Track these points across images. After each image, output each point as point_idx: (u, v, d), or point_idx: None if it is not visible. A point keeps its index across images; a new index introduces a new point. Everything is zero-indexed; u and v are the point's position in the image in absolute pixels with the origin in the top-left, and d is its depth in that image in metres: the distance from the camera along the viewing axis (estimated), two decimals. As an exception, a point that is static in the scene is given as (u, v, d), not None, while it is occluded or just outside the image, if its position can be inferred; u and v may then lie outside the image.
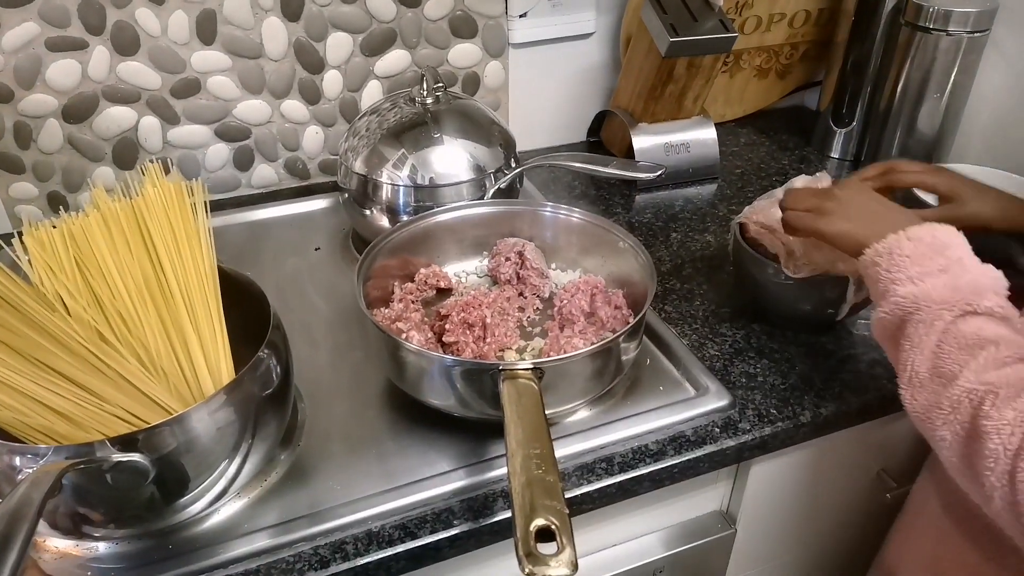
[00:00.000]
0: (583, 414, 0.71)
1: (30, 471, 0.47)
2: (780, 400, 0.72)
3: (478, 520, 0.61)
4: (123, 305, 0.61)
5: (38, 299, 0.58)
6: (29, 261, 0.61)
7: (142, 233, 0.65)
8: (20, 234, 0.62)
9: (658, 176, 0.85)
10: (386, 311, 0.76)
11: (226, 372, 0.60)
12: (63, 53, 0.89)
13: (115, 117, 0.94)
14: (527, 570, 0.44)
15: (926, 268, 0.57)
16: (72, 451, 0.49)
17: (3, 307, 0.57)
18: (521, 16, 1.05)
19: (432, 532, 0.60)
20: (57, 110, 0.91)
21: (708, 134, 1.09)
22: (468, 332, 0.73)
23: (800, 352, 0.78)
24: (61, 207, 0.96)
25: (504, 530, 0.62)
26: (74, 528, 0.56)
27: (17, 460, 0.49)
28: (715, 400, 0.71)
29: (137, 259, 0.63)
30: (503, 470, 0.64)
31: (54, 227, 0.63)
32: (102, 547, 0.58)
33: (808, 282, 0.73)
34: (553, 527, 0.47)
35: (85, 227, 0.64)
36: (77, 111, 0.92)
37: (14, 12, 0.85)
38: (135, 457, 0.49)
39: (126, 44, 0.91)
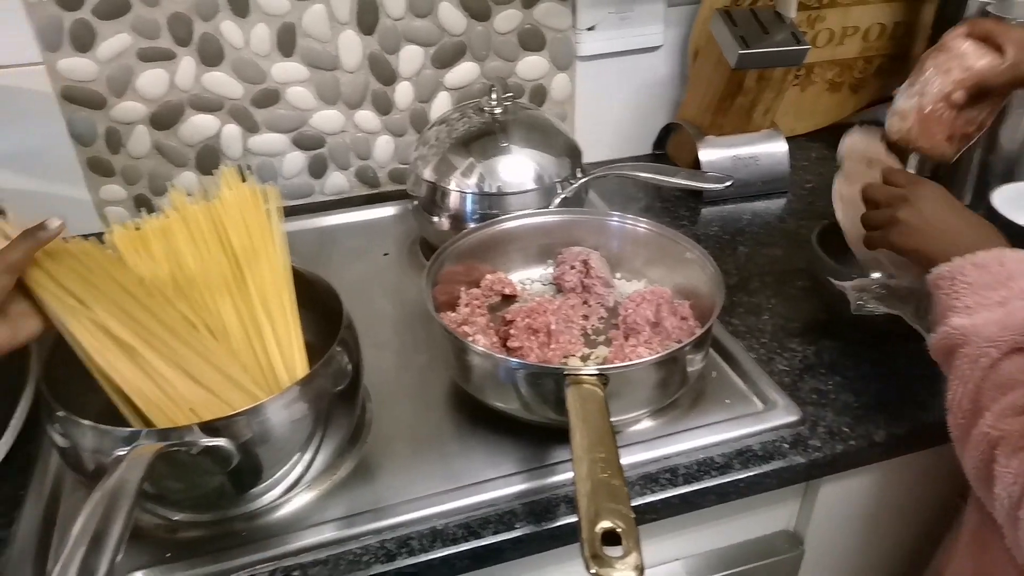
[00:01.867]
0: (646, 424, 0.71)
1: (122, 453, 0.49)
2: (853, 418, 0.70)
3: (540, 524, 0.61)
4: (201, 297, 0.64)
5: (137, 283, 0.61)
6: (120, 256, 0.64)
7: (219, 233, 0.67)
8: (109, 232, 0.66)
9: (726, 187, 0.84)
10: (452, 315, 0.77)
11: (300, 367, 0.62)
12: (153, 63, 0.93)
13: (199, 125, 0.98)
14: (593, 571, 0.44)
15: (983, 299, 0.56)
16: (163, 435, 0.52)
17: (114, 287, 0.59)
18: (589, 29, 1.06)
19: (495, 533, 0.60)
20: (146, 117, 0.96)
21: (778, 147, 1.08)
22: (533, 338, 0.74)
23: (874, 370, 0.76)
24: (143, 209, 1.01)
25: (566, 535, 0.62)
26: (155, 509, 0.58)
27: (110, 442, 0.52)
28: (784, 415, 0.70)
29: (215, 258, 0.66)
30: (566, 475, 0.64)
31: (137, 228, 0.67)
32: (180, 530, 0.60)
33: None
34: (619, 530, 0.46)
35: (166, 227, 0.67)
36: (164, 118, 0.97)
37: (109, 24, 0.90)
38: (221, 442, 0.51)
39: (211, 55, 0.95)
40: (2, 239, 0.56)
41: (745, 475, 0.66)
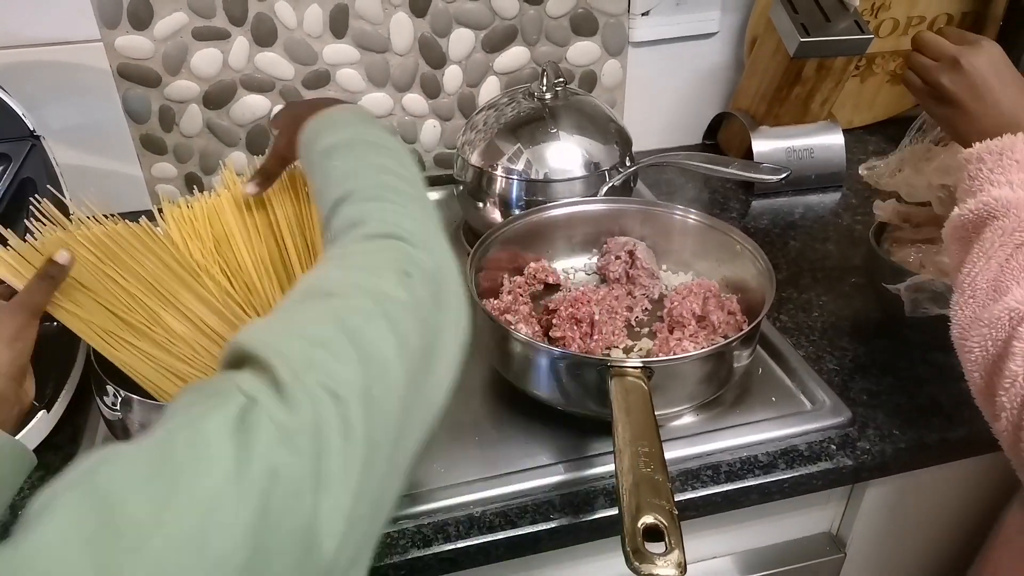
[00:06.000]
0: (689, 419, 0.69)
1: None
2: (904, 421, 0.68)
3: (578, 515, 0.60)
4: (248, 278, 0.64)
5: (181, 262, 0.62)
6: (167, 233, 0.65)
7: (268, 214, 0.68)
8: (160, 210, 0.67)
9: (782, 179, 0.81)
10: (495, 302, 0.77)
11: (343, 349, 0.62)
12: (207, 42, 0.94)
13: (250, 105, 0.99)
14: (634, 566, 0.43)
15: None
16: None
17: (155, 263, 0.60)
18: (644, 14, 1.04)
19: (532, 523, 0.60)
20: (199, 96, 0.97)
21: (835, 140, 1.05)
22: (575, 328, 0.73)
23: (929, 371, 0.73)
24: (195, 187, 1.02)
25: (604, 528, 0.61)
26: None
27: (159, 416, 0.52)
28: (832, 416, 0.68)
29: (264, 238, 0.67)
30: (604, 468, 0.64)
31: (190, 207, 0.68)
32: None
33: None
34: (662, 527, 0.46)
35: (216, 205, 0.68)
36: (217, 98, 0.98)
37: (167, 1, 0.91)
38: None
39: (264, 35, 0.95)
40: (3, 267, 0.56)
41: (790, 475, 0.64)
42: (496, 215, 0.89)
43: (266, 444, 0.30)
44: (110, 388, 0.54)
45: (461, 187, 0.93)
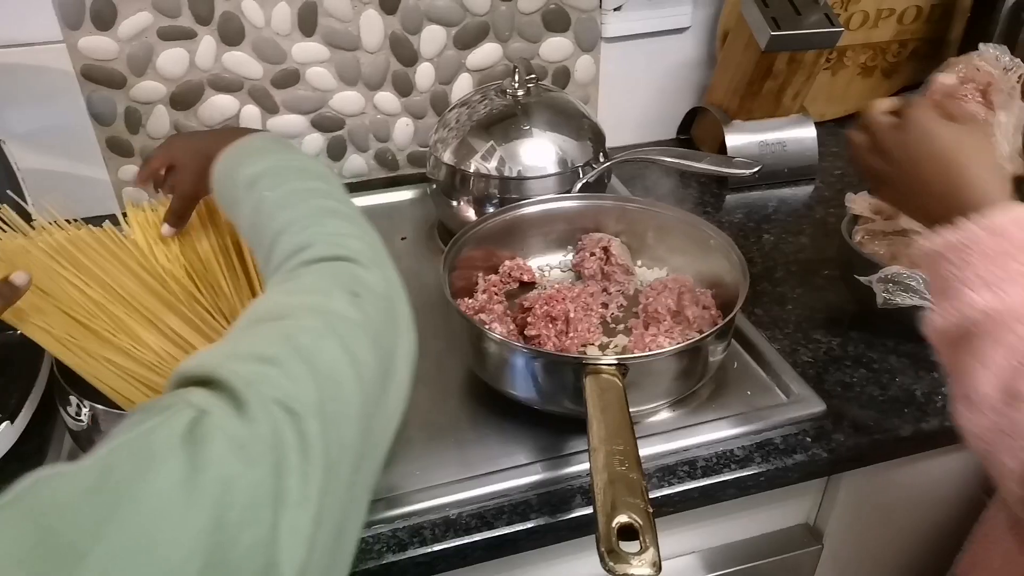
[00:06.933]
0: (665, 415, 0.69)
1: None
2: (878, 412, 0.68)
3: (556, 515, 0.60)
4: (215, 281, 0.63)
5: (146, 266, 0.61)
6: (131, 237, 0.64)
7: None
8: (124, 214, 0.66)
9: (754, 173, 0.82)
10: (470, 301, 0.76)
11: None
12: (173, 42, 0.93)
13: (219, 105, 0.98)
14: (608, 566, 0.43)
15: (1008, 272, 0.47)
16: None
17: (120, 269, 0.59)
18: (615, 10, 1.04)
19: (509, 523, 0.59)
20: (165, 97, 0.95)
21: (807, 133, 1.05)
22: (551, 326, 0.72)
23: (902, 363, 0.74)
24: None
25: (582, 527, 0.61)
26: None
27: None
28: (807, 408, 0.68)
29: (229, 241, 0.66)
30: (582, 466, 0.63)
31: (155, 210, 0.67)
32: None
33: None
34: (636, 525, 0.45)
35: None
36: (184, 98, 0.96)
37: (131, 1, 0.89)
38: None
39: (232, 34, 0.94)
40: None
41: (766, 468, 0.64)
42: (470, 213, 0.89)
43: (218, 454, 0.29)
44: (73, 399, 0.53)
45: (434, 186, 0.92)
